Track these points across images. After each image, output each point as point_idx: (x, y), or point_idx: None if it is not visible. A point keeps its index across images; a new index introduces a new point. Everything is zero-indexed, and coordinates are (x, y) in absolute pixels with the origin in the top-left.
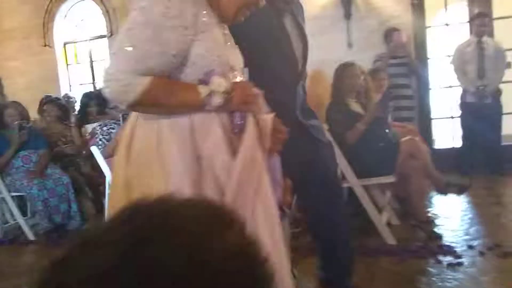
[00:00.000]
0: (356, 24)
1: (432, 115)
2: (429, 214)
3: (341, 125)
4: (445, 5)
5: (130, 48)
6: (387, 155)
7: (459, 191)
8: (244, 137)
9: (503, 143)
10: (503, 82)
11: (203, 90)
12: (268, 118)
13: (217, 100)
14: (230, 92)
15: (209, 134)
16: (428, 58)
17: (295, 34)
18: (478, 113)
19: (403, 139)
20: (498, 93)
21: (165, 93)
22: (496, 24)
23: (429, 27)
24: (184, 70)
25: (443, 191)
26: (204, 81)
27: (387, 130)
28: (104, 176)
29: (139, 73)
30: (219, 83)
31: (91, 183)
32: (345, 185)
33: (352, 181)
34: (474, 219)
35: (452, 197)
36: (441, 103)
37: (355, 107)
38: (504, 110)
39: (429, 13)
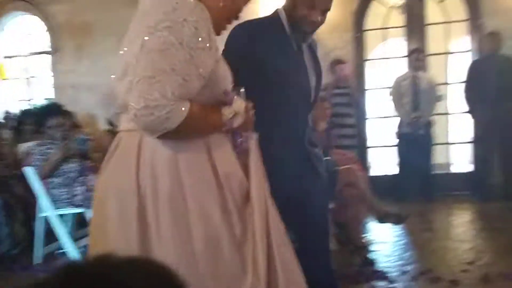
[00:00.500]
0: None
1: (369, 143)
2: (365, 240)
3: None
4: (384, 39)
5: (171, 71)
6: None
7: (397, 221)
8: (252, 157)
9: (434, 172)
10: (435, 114)
11: (227, 112)
12: (255, 136)
13: (238, 121)
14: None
15: (224, 153)
16: (366, 89)
17: (310, 65)
18: (413, 143)
19: (342, 167)
20: (430, 124)
21: (200, 118)
22: (429, 60)
23: (368, 60)
24: (204, 91)
25: (382, 219)
26: (226, 102)
27: (328, 158)
28: (37, 198)
29: (182, 98)
30: (240, 104)
31: (23, 205)
32: None
33: None
34: (407, 244)
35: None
36: (378, 132)
37: None
38: (435, 140)
39: (369, 47)
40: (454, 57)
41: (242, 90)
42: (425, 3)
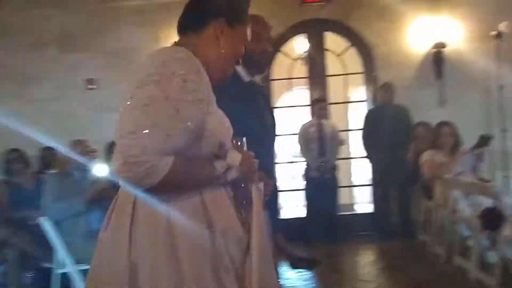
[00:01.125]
0: None
1: (279, 187)
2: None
3: None
4: (290, 89)
5: (153, 127)
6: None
7: (311, 265)
8: (253, 210)
9: (340, 213)
10: (339, 159)
11: (220, 165)
12: (261, 186)
13: (233, 174)
14: (241, 164)
15: (220, 208)
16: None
17: (267, 108)
18: (320, 186)
19: None
20: (335, 168)
21: (185, 172)
22: (331, 108)
23: (276, 107)
24: (197, 144)
25: (295, 265)
26: (219, 156)
27: None
28: None
29: (164, 153)
30: (234, 158)
31: None
32: None
33: None
34: (317, 287)
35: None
36: (287, 176)
37: None
38: (340, 183)
39: (276, 95)
40: (353, 106)
41: (244, 139)
42: (325, 56)
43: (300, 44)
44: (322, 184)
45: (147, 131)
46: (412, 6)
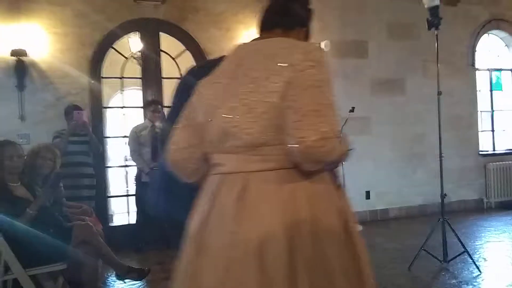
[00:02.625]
0: (30, 96)
1: (110, 193)
2: None
3: (7, 212)
4: (121, 89)
5: (329, 107)
6: (59, 240)
7: (139, 276)
8: (343, 194)
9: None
10: None
11: (345, 146)
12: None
13: (348, 158)
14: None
15: (337, 189)
16: (106, 137)
17: None
18: None
19: (76, 223)
20: None
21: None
22: (166, 112)
23: (107, 107)
24: None
25: (123, 276)
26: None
27: (64, 211)
28: None
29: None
30: (349, 143)
31: None
32: (8, 277)
33: (17, 271)
34: None
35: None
36: (118, 181)
37: (20, 191)
38: None
39: (107, 95)
40: None
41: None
42: (162, 57)
43: (134, 43)
44: None
45: (328, 110)
46: (244, 16)
